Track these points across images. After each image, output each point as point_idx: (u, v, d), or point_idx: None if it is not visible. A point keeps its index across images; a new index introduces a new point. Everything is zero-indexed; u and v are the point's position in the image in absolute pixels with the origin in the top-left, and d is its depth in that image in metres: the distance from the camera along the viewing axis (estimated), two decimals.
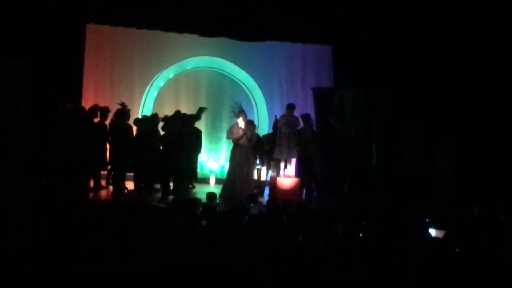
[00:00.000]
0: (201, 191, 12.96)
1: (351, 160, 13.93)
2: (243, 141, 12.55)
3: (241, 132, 12.52)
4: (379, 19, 15.10)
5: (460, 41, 14.54)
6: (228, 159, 13.18)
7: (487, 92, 14.34)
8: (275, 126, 13.75)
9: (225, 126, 14.75)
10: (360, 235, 7.23)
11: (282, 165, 13.34)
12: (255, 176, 13.72)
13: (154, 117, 13.11)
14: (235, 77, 16.63)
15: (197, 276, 5.25)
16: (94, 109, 12.72)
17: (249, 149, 12.69)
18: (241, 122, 12.60)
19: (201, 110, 13.96)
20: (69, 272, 4.84)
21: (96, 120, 12.67)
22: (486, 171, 13.87)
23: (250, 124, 13.02)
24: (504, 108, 14.25)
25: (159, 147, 12.66)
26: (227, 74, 16.61)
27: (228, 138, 12.91)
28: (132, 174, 12.88)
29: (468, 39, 14.44)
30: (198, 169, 14.38)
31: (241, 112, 12.68)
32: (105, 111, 12.73)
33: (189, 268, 5.33)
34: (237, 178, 12.47)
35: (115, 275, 4.75)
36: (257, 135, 13.73)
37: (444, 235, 7.06)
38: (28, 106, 12.20)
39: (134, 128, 12.93)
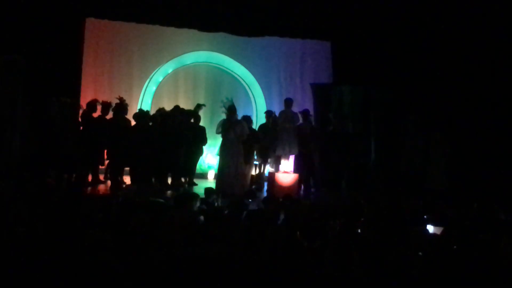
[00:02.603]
0: (199, 186, 12.96)
1: (349, 156, 13.93)
2: (232, 136, 12.51)
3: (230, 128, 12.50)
4: (378, 15, 15.09)
5: (458, 37, 14.53)
6: (218, 153, 13.20)
7: (485, 88, 14.33)
8: (274, 122, 13.73)
9: None
10: (358, 231, 7.24)
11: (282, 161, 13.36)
12: (253, 172, 13.70)
13: (159, 112, 13.19)
14: (234, 72, 16.63)
15: (195, 271, 5.25)
16: (93, 103, 12.70)
17: (238, 144, 12.63)
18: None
19: (198, 106, 13.93)
20: (67, 266, 4.84)
21: (95, 114, 12.65)
22: (485, 168, 13.86)
23: (244, 120, 13.03)
24: (502, 104, 14.24)
25: (158, 142, 12.64)
26: (226, 69, 16.61)
27: (217, 132, 12.89)
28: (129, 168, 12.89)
29: (466, 35, 14.43)
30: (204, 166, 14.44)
31: (230, 106, 12.64)
32: (106, 106, 12.73)
33: (186, 263, 5.33)
34: (226, 173, 12.43)
35: (113, 269, 4.75)
36: (254, 130, 13.69)
37: (442, 232, 7.06)
38: (27, 101, 12.18)
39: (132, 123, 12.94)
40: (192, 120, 13.55)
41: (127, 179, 12.90)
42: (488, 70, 14.29)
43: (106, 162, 13.10)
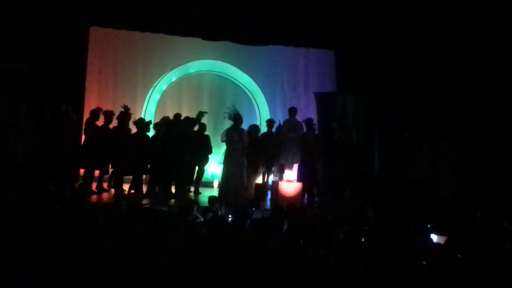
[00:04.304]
0: (203, 195, 12.98)
1: (353, 165, 13.91)
2: (238, 145, 12.49)
3: (236, 137, 12.47)
4: (381, 24, 15.09)
5: (461, 45, 14.53)
6: (221, 161, 13.15)
7: (490, 96, 14.34)
8: (278, 131, 13.74)
9: None
10: (362, 240, 7.24)
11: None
12: (257, 180, 13.67)
13: (163, 120, 13.24)
14: (238, 81, 16.65)
15: (199, 279, 5.25)
16: (97, 111, 12.69)
17: (243, 153, 12.63)
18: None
19: (201, 114, 13.92)
20: (72, 274, 4.84)
21: (99, 123, 12.65)
22: (488, 177, 13.85)
23: (252, 129, 13.05)
24: (506, 112, 14.24)
25: (162, 150, 12.64)
26: (230, 78, 16.63)
27: (222, 141, 12.85)
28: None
29: (469, 44, 14.44)
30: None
31: (236, 115, 12.63)
32: (109, 114, 12.71)
33: (190, 271, 5.34)
34: (230, 182, 12.40)
35: (117, 277, 4.76)
36: (260, 138, 13.63)
37: (446, 241, 7.06)
38: (31, 109, 12.20)
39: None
40: (196, 129, 13.57)
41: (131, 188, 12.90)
42: (495, 79, 14.29)
43: (110, 170, 13.08)
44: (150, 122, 13.40)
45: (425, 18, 14.74)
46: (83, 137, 12.74)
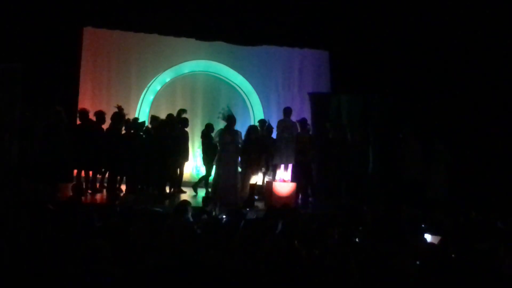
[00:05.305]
0: (198, 195, 13.00)
1: (348, 165, 13.90)
2: (230, 147, 12.49)
3: (228, 138, 12.47)
4: (376, 25, 15.11)
5: (456, 46, 14.55)
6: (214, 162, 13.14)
7: (484, 96, 14.36)
8: (269, 131, 13.69)
9: None
10: (356, 240, 7.25)
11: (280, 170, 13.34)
12: (252, 181, 13.65)
13: (155, 121, 13.18)
14: (232, 81, 16.64)
15: (193, 280, 5.25)
16: (85, 112, 12.64)
17: (236, 154, 12.62)
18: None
19: (180, 111, 13.77)
20: (67, 275, 4.84)
21: (90, 123, 12.61)
22: (483, 177, 13.87)
23: (250, 130, 13.03)
24: (500, 113, 14.27)
25: (155, 151, 12.62)
26: (224, 78, 16.62)
27: (214, 142, 12.87)
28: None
29: (464, 44, 14.46)
30: (195, 174, 14.35)
31: (229, 116, 12.62)
32: (101, 115, 12.66)
33: (185, 272, 5.33)
34: (223, 182, 12.39)
35: (112, 277, 4.75)
36: (256, 139, 13.59)
37: (440, 241, 7.07)
38: (25, 109, 12.16)
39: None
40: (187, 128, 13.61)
41: (123, 188, 12.87)
42: (489, 79, 14.32)
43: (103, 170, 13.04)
44: (144, 122, 13.39)
45: (419, 19, 14.76)
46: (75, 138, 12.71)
